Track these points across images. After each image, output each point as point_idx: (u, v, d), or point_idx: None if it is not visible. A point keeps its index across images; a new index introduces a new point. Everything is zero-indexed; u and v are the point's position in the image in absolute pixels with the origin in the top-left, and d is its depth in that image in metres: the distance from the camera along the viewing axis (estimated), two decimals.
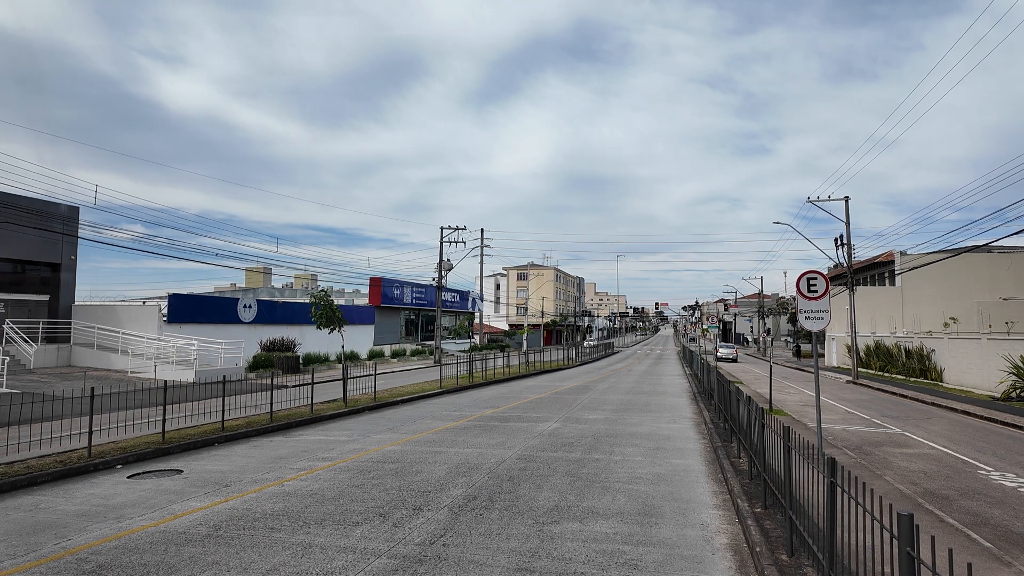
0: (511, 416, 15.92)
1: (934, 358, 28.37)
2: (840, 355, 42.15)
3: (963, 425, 15.73)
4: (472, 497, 8.02)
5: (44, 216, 27.75)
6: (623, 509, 7.51)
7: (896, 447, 12.34)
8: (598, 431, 13.50)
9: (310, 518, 7.17)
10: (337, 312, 18.94)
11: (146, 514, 7.41)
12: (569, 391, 23.05)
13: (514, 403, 18.96)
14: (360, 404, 17.81)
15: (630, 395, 21.82)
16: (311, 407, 15.90)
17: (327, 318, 18.72)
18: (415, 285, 55.42)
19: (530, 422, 14.84)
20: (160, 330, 29.56)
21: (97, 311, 30.66)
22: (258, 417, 14.67)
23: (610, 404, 18.80)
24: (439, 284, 44.87)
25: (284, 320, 38.89)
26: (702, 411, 16.51)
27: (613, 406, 18.31)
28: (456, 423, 14.75)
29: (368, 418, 15.84)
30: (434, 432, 13.37)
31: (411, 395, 20.30)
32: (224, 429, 13.02)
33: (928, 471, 10.17)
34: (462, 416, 15.97)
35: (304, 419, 14.94)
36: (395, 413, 16.80)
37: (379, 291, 50.40)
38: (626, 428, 13.95)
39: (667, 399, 20.68)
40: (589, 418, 15.55)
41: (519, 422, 14.86)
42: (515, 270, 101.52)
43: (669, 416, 16.20)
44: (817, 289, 9.97)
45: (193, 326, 31.27)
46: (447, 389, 22.42)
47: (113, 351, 28.13)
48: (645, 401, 19.81)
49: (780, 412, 16.68)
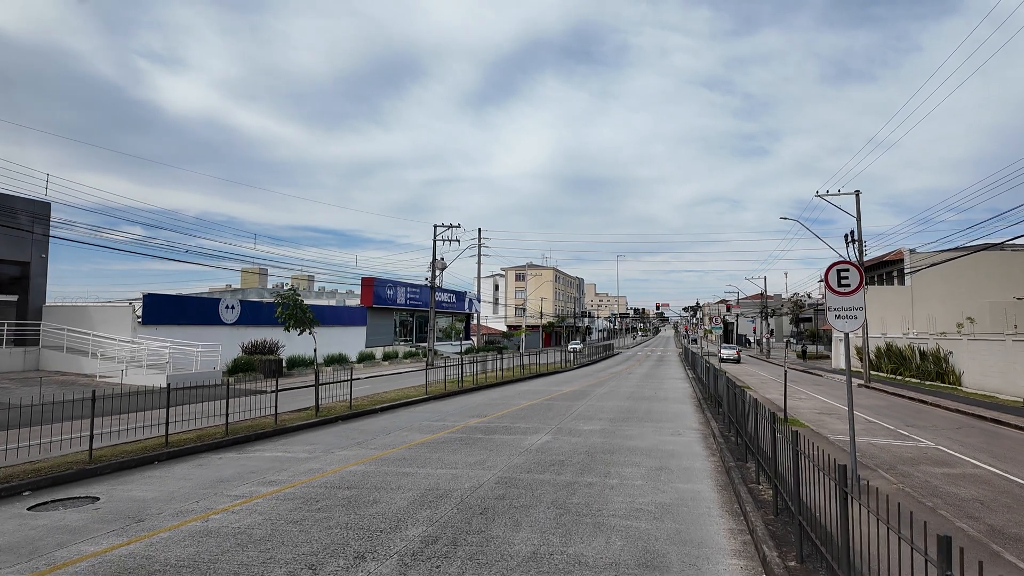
0: (498, 427, 14.36)
1: (951, 360, 26.81)
2: None
3: (1000, 437, 14.16)
4: (432, 539, 6.47)
5: (9, 212, 26.24)
6: (618, 557, 5.96)
7: (935, 466, 10.78)
8: (593, 445, 11.95)
9: (221, 571, 5.63)
10: (307, 313, 17.38)
11: (16, 565, 5.86)
12: (564, 397, 21.49)
13: (503, 411, 17.42)
14: (334, 413, 16.27)
15: (630, 401, 20.27)
16: (275, 417, 14.35)
17: (295, 319, 17.17)
18: (409, 285, 53.85)
19: (518, 434, 13.28)
20: (134, 332, 28.03)
21: (69, 312, 29.12)
22: (213, 430, 13.12)
23: (608, 412, 17.25)
24: (432, 284, 43.34)
25: (270, 322, 37.23)
26: (709, 421, 14.94)
27: (611, 414, 16.76)
28: (435, 435, 13.19)
29: (338, 430, 14.29)
30: (407, 447, 11.82)
31: (392, 402, 18.76)
32: (168, 444, 11.48)
33: (984, 499, 8.61)
34: (444, 427, 14.42)
35: (266, 431, 13.39)
36: (370, 423, 15.25)
37: (371, 291, 48.85)
38: (625, 442, 12.39)
39: (670, 406, 19.13)
40: (584, 429, 14.00)
41: (506, 434, 13.31)
42: (513, 270, 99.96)
43: (672, 427, 14.64)
44: (850, 282, 8.45)
45: (170, 328, 29.75)
46: (433, 395, 20.87)
47: (84, 354, 26.60)
48: (646, 409, 18.26)
49: (796, 422, 15.12)
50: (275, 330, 37.77)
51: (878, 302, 40.52)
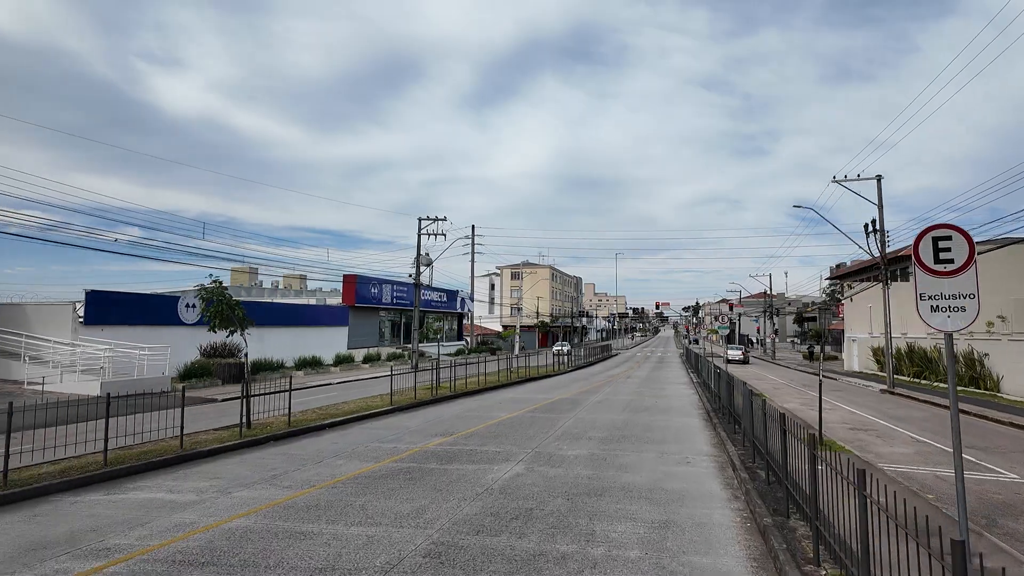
0: (461, 451, 11.50)
1: (987, 364, 23.97)
2: (863, 359, 37.74)
3: None
4: None
5: None
6: None
7: None
8: (576, 482, 9.09)
9: None
10: (237, 311, 14.49)
11: None
12: (551, 407, 18.62)
13: (476, 427, 14.55)
14: (269, 431, 13.43)
15: (626, 413, 17.40)
16: (181, 440, 11.47)
17: (222, 318, 14.28)
18: (396, 283, 50.91)
19: (483, 463, 10.42)
20: (75, 333, 25.14)
21: (1, 311, 26.23)
22: (91, 458, 10.23)
23: (600, 428, 14.38)
24: (417, 281, 40.46)
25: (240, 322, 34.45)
26: (723, 442, 12.06)
27: (603, 432, 13.89)
28: (377, 465, 10.33)
29: (261, 456, 11.41)
30: (331, 485, 8.95)
31: (349, 415, 15.89)
32: (7, 483, 8.60)
33: None
34: (394, 451, 11.55)
35: (163, 459, 10.52)
36: (307, 446, 12.38)
37: (353, 289, 45.92)
38: (618, 476, 9.52)
39: (673, 419, 16.27)
40: (568, 455, 11.12)
41: (468, 462, 10.44)
42: (509, 269, 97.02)
43: (678, 450, 11.76)
44: (953, 256, 5.57)
45: (120, 329, 26.85)
46: (400, 406, 18.00)
47: (15, 358, 23.71)
48: (645, 423, 15.39)
49: (833, 444, 12.21)
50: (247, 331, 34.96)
51: (894, 299, 37.70)
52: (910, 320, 34.82)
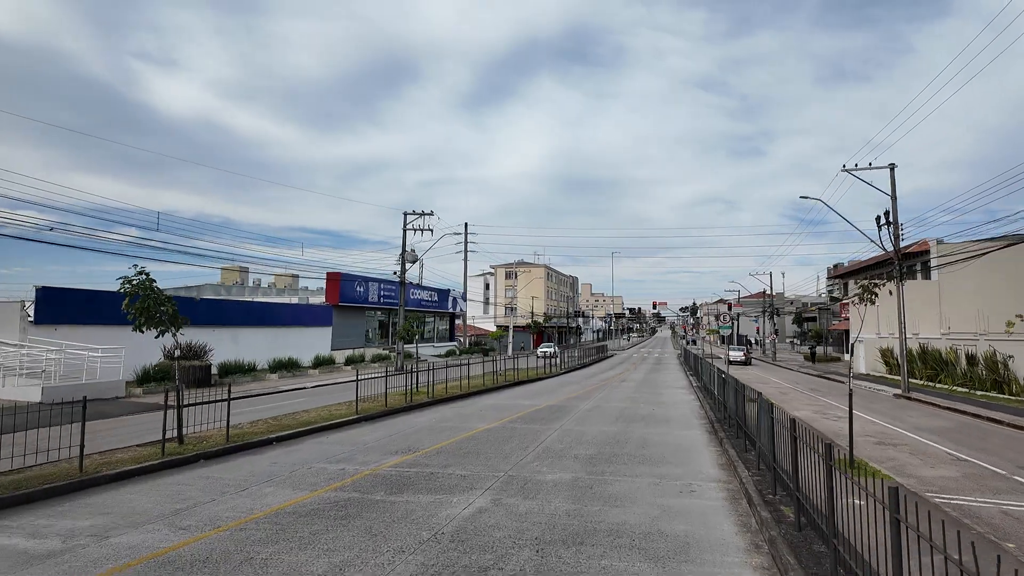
0: (419, 475, 9.59)
1: (1012, 366, 22.14)
2: (870, 361, 35.93)
3: None
4: None
5: None
6: None
7: None
8: (550, 522, 7.19)
9: None
10: (167, 306, 12.51)
11: None
12: (534, 417, 16.72)
13: (445, 441, 12.64)
14: (204, 447, 11.52)
15: (619, 424, 15.51)
16: (81, 461, 9.52)
17: (147, 316, 12.32)
18: (383, 282, 48.89)
19: (440, 492, 8.51)
20: (23, 333, 23.17)
21: None
22: None
23: (587, 444, 12.48)
24: (402, 279, 38.54)
25: (212, 321, 32.47)
26: (733, 463, 10.15)
27: (591, 448, 11.99)
28: (310, 494, 8.42)
29: (181, 480, 9.48)
30: (240, 525, 7.04)
31: (302, 428, 13.96)
32: None
33: None
34: (339, 475, 9.64)
35: (53, 486, 8.58)
36: (239, 466, 10.46)
37: (337, 288, 43.94)
38: (604, 512, 7.61)
39: (673, 432, 14.38)
40: (546, 480, 9.21)
41: (422, 492, 8.53)
42: (503, 268, 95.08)
43: (680, 474, 9.87)
44: None
45: (75, 328, 24.84)
46: (367, 415, 16.08)
47: None
48: (641, 437, 13.49)
49: (865, 466, 10.27)
50: (220, 331, 32.97)
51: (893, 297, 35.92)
52: (922, 319, 33.04)
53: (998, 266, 33.05)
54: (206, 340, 29.50)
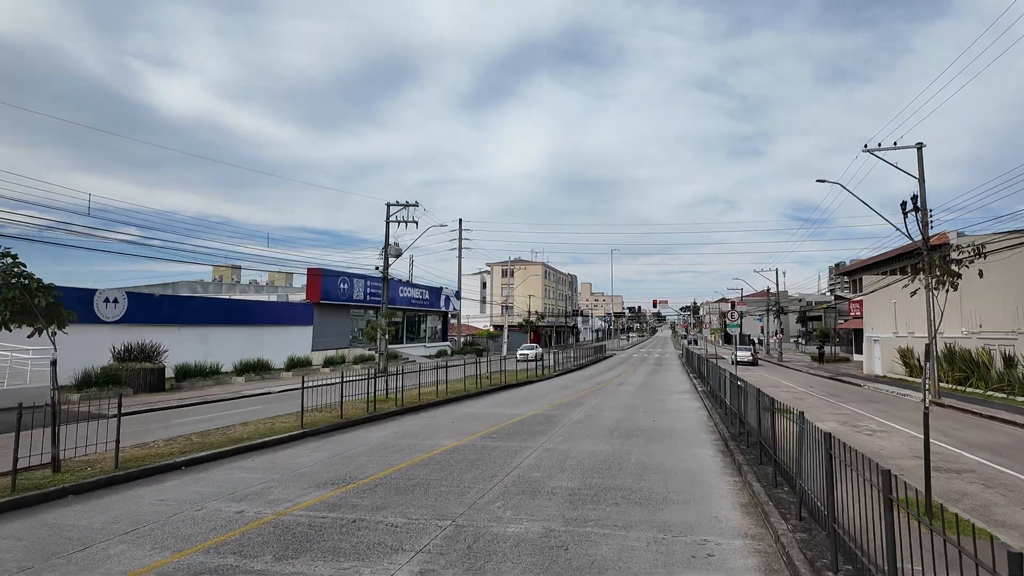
0: (335, 525, 7.06)
1: None
2: (886, 361, 33.38)
3: None
4: None
5: None
6: None
7: None
8: None
9: None
10: (40, 298, 9.95)
11: None
12: (515, 430, 14.19)
13: (395, 465, 10.13)
14: (85, 476, 9.02)
15: (613, 440, 12.99)
16: None
17: (13, 310, 9.77)
18: (370, 278, 46.26)
19: (350, 560, 5.99)
20: None
21: None
22: None
23: (569, 473, 9.95)
24: (385, 274, 36.00)
25: (175, 320, 29.98)
26: (761, 504, 7.60)
27: (575, 479, 9.46)
28: (167, 559, 5.90)
29: (7, 531, 6.95)
30: None
31: (230, 446, 11.46)
32: None
33: None
34: (230, 523, 7.11)
35: None
36: (115, 505, 7.95)
37: (319, 285, 41.36)
38: None
39: (677, 453, 11.86)
40: (506, 535, 6.68)
41: (323, 559, 6.01)
42: (499, 266, 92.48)
43: (691, 523, 7.33)
44: None
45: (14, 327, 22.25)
46: (315, 429, 13.57)
47: None
48: (638, 461, 10.96)
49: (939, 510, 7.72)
50: (182, 330, 30.47)
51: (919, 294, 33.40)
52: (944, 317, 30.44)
53: (1018, 262, 30.50)
54: (164, 340, 27.00)
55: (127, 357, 24.02)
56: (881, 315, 34.79)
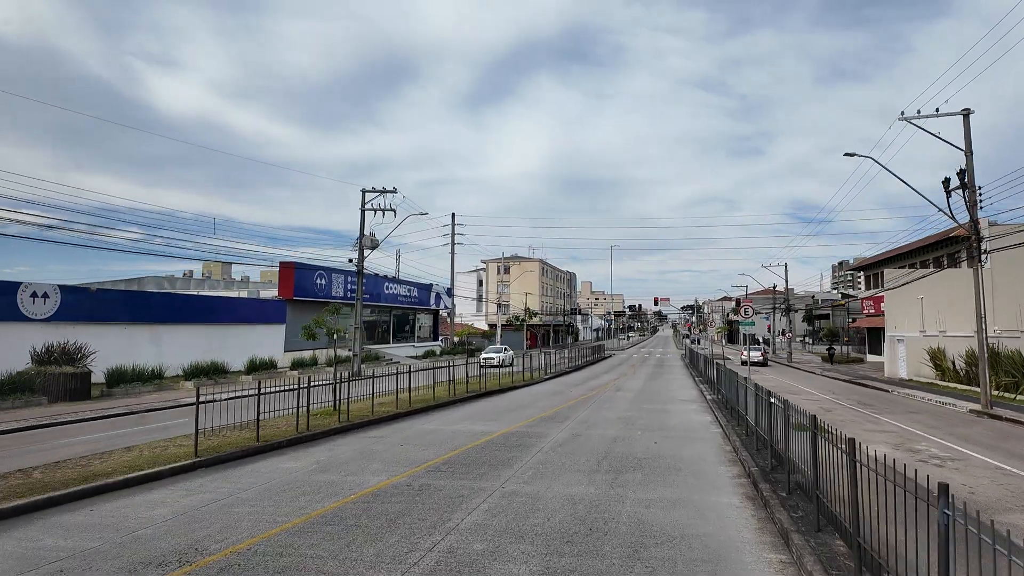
0: None
1: None
2: (913, 363, 30.15)
3: None
4: None
5: None
6: None
7: None
8: None
9: None
10: None
11: None
12: (471, 460, 10.97)
13: (279, 525, 6.93)
14: None
15: (599, 481, 9.78)
16: None
17: None
18: (349, 273, 42.99)
19: None
20: None
21: None
22: None
23: (528, 544, 6.75)
24: (360, 267, 32.88)
25: (121, 317, 26.78)
26: None
27: (533, 563, 6.27)
28: None
29: None
30: None
31: (76, 487, 8.28)
32: None
33: None
34: None
35: None
36: None
37: (291, 279, 38.12)
38: None
39: (690, 500, 8.66)
40: None
41: None
42: (495, 263, 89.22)
43: None
44: None
45: None
46: (216, 456, 10.39)
47: None
48: (632, 521, 7.76)
49: None
50: (128, 328, 27.32)
51: (943, 288, 30.21)
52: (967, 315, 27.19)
53: None
54: (105, 340, 23.86)
55: (47, 360, 20.85)
56: (906, 312, 31.55)
